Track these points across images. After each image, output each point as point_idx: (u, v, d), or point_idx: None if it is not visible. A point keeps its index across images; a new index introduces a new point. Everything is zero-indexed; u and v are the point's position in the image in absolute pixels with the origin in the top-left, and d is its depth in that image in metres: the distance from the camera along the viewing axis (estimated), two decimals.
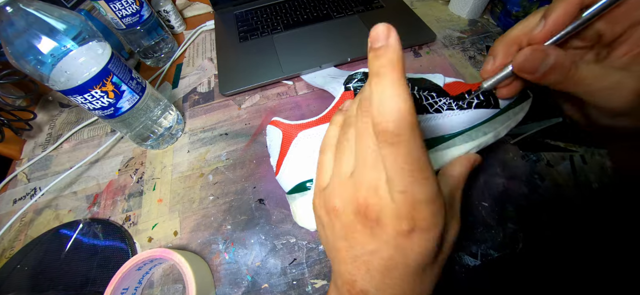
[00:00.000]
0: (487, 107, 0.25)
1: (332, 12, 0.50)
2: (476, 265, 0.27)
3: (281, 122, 0.29)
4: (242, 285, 0.28)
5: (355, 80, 0.30)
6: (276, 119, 0.30)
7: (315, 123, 0.28)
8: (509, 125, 0.25)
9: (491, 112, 0.25)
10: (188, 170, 0.36)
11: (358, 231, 0.17)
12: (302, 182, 0.27)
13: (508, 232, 0.28)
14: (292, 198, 0.28)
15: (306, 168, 0.27)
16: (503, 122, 0.25)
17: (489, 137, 0.25)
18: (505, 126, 0.25)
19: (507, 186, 0.30)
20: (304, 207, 0.27)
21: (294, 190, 0.28)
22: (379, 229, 0.16)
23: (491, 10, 0.47)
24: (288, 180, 0.28)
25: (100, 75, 0.28)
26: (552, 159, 0.31)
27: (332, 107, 0.29)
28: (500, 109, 0.25)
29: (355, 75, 0.30)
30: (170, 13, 0.53)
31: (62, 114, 0.45)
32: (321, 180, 0.20)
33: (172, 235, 0.31)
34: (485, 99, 0.25)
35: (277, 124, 0.29)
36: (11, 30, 0.24)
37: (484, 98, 0.25)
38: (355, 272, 0.17)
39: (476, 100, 0.25)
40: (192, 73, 0.47)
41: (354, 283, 0.17)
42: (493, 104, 0.25)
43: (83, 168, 0.38)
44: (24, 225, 0.34)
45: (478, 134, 0.25)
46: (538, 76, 0.19)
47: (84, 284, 0.29)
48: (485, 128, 0.25)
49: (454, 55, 0.43)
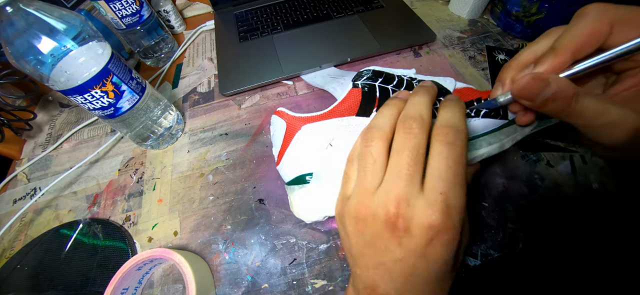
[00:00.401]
0: (494, 117, 0.25)
1: (332, 12, 0.50)
2: (476, 265, 0.27)
3: (286, 114, 0.30)
4: (242, 285, 0.28)
5: (364, 78, 0.30)
6: (281, 110, 0.30)
7: (320, 118, 0.29)
8: (515, 138, 0.25)
9: (499, 123, 0.25)
10: (188, 170, 0.36)
11: (386, 239, 0.17)
12: (302, 175, 0.28)
13: (508, 232, 0.28)
14: (291, 189, 0.29)
15: (307, 161, 0.28)
16: (509, 133, 0.25)
17: (493, 148, 0.24)
18: (510, 138, 0.25)
19: (507, 186, 0.30)
20: (302, 200, 0.27)
21: (293, 181, 0.28)
22: (407, 238, 0.17)
23: (491, 10, 0.47)
24: (288, 171, 0.28)
25: (100, 75, 0.28)
26: (552, 159, 0.31)
27: (338, 103, 0.29)
28: (508, 120, 0.25)
29: (364, 73, 0.30)
30: (170, 13, 0.53)
31: (62, 114, 0.45)
32: (347, 189, 0.20)
33: (172, 235, 0.31)
34: (494, 109, 0.25)
35: (282, 115, 0.30)
36: (11, 30, 0.24)
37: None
38: (377, 278, 0.18)
39: (484, 110, 0.25)
40: (192, 73, 0.47)
41: (376, 288, 0.18)
42: (501, 114, 0.25)
43: (83, 168, 0.38)
44: (24, 225, 0.34)
45: (482, 144, 0.24)
46: (537, 104, 0.18)
47: (84, 284, 0.29)
48: (490, 138, 0.25)
49: (454, 55, 0.43)
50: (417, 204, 0.16)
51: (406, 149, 0.17)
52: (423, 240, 0.16)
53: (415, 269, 0.17)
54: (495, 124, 0.25)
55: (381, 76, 0.30)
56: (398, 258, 0.17)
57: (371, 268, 0.18)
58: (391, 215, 0.17)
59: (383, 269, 0.18)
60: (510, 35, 0.45)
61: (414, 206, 0.16)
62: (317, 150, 0.28)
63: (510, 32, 0.45)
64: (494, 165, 0.31)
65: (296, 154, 0.28)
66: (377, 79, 0.30)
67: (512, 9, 0.42)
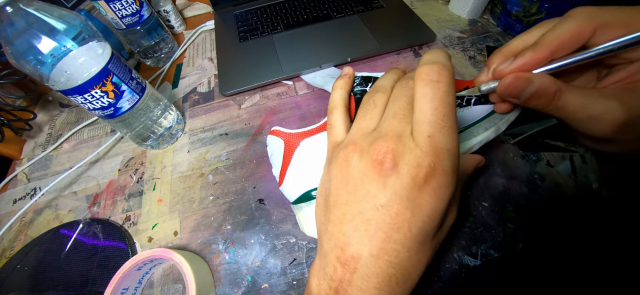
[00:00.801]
0: (485, 103, 0.25)
1: (332, 12, 0.50)
2: (476, 265, 0.27)
3: (282, 132, 0.28)
4: (242, 285, 0.28)
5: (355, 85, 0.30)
6: (277, 129, 0.29)
7: (317, 130, 0.27)
8: (509, 119, 0.25)
9: (490, 108, 0.25)
10: (188, 170, 0.36)
11: (371, 181, 0.16)
12: (307, 191, 0.26)
13: (508, 232, 0.28)
14: (299, 208, 0.27)
15: (311, 176, 0.26)
16: (502, 116, 0.25)
17: (489, 133, 0.25)
18: (504, 121, 0.25)
19: (507, 186, 0.30)
20: (312, 216, 0.26)
21: (299, 200, 0.27)
22: (394, 177, 0.15)
23: (491, 10, 0.47)
24: (293, 190, 0.27)
25: (100, 75, 0.28)
26: (552, 159, 0.31)
27: None
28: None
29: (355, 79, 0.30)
30: (170, 13, 0.53)
31: (62, 114, 0.45)
32: (334, 136, 0.20)
33: (172, 235, 0.31)
34: (484, 95, 0.25)
35: (278, 134, 0.29)
36: (11, 30, 0.24)
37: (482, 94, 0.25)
38: (351, 232, 0.16)
39: (475, 97, 0.25)
40: (192, 73, 0.47)
41: (346, 246, 0.16)
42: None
43: (83, 168, 0.38)
44: (24, 225, 0.34)
45: (479, 130, 0.25)
46: (522, 101, 0.19)
47: (84, 284, 0.29)
48: (485, 124, 0.25)
49: (454, 55, 0.43)
50: (407, 144, 0.16)
51: (402, 97, 0.17)
52: (410, 181, 0.15)
53: (398, 219, 0.15)
54: (488, 109, 0.25)
55: (371, 81, 0.30)
56: (380, 204, 0.16)
57: (346, 220, 0.17)
58: (380, 151, 0.16)
59: (360, 220, 0.16)
60: (510, 35, 0.45)
61: (406, 144, 0.16)
62: (319, 164, 0.26)
63: (510, 32, 0.45)
64: (494, 165, 0.31)
65: (298, 171, 0.27)
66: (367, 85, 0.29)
67: (512, 9, 0.42)
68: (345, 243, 0.16)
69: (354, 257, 0.16)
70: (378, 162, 0.16)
